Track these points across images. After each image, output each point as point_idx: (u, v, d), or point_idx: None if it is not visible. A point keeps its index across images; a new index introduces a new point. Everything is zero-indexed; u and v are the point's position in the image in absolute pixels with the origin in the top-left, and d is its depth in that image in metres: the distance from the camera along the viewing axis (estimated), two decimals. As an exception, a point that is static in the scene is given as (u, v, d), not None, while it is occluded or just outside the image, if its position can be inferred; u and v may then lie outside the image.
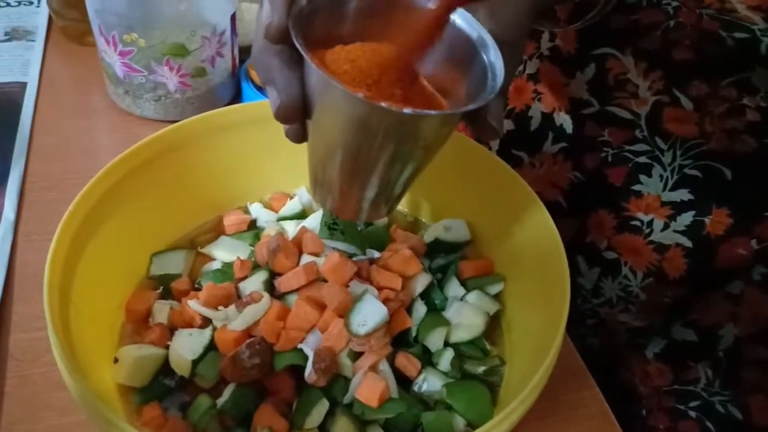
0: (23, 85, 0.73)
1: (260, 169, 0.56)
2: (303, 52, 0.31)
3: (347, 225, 0.49)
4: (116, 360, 0.44)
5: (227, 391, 0.42)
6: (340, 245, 0.49)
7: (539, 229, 0.48)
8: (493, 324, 0.50)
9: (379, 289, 0.46)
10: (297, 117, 0.34)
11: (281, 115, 0.34)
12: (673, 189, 0.56)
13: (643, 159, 0.56)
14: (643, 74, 0.54)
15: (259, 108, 0.54)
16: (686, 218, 0.56)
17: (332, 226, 0.49)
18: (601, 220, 0.60)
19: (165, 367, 0.45)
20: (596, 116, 0.58)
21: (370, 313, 0.43)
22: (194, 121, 0.52)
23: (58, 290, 0.40)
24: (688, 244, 0.56)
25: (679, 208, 0.56)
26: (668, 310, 0.61)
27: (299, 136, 0.37)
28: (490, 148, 0.69)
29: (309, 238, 0.49)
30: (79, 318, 0.41)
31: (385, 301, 0.45)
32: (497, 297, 0.51)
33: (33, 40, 0.80)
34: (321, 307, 0.45)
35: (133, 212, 0.49)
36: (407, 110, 0.30)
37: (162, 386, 0.44)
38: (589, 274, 0.63)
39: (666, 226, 0.57)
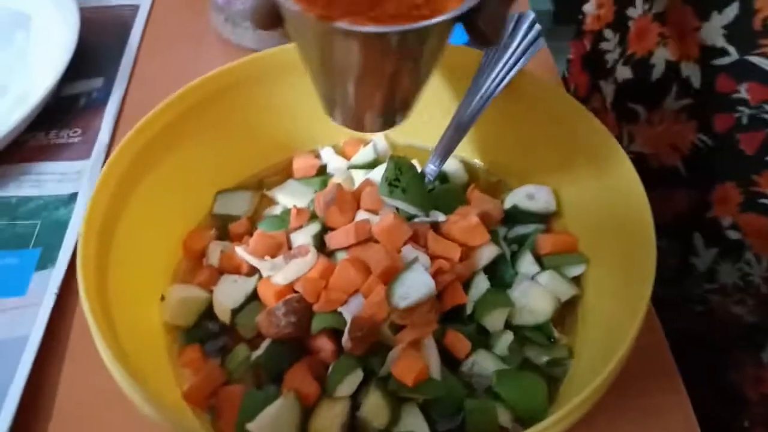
0: (136, 8, 0.74)
1: (336, 110, 0.53)
2: None
3: (410, 182, 0.44)
4: (163, 298, 0.44)
5: (263, 345, 0.41)
6: (401, 204, 0.44)
7: (631, 209, 0.40)
8: (569, 310, 0.44)
9: (434, 258, 0.42)
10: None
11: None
12: None
13: None
14: None
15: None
16: None
17: (393, 183, 0.44)
18: (726, 194, 0.51)
19: (210, 311, 0.44)
20: (732, 68, 0.47)
21: (414, 285, 0.39)
22: (271, 54, 0.50)
23: (101, 224, 0.40)
24: None
25: None
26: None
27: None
28: (604, 99, 0.60)
29: (369, 192, 0.45)
30: (123, 253, 0.41)
31: (437, 273, 0.40)
32: (577, 280, 0.45)
33: (148, -38, 0.80)
34: (368, 270, 0.41)
35: (199, 146, 0.48)
36: (366, 28, 0.28)
37: (206, 329, 0.44)
38: (706, 254, 0.54)
39: None
